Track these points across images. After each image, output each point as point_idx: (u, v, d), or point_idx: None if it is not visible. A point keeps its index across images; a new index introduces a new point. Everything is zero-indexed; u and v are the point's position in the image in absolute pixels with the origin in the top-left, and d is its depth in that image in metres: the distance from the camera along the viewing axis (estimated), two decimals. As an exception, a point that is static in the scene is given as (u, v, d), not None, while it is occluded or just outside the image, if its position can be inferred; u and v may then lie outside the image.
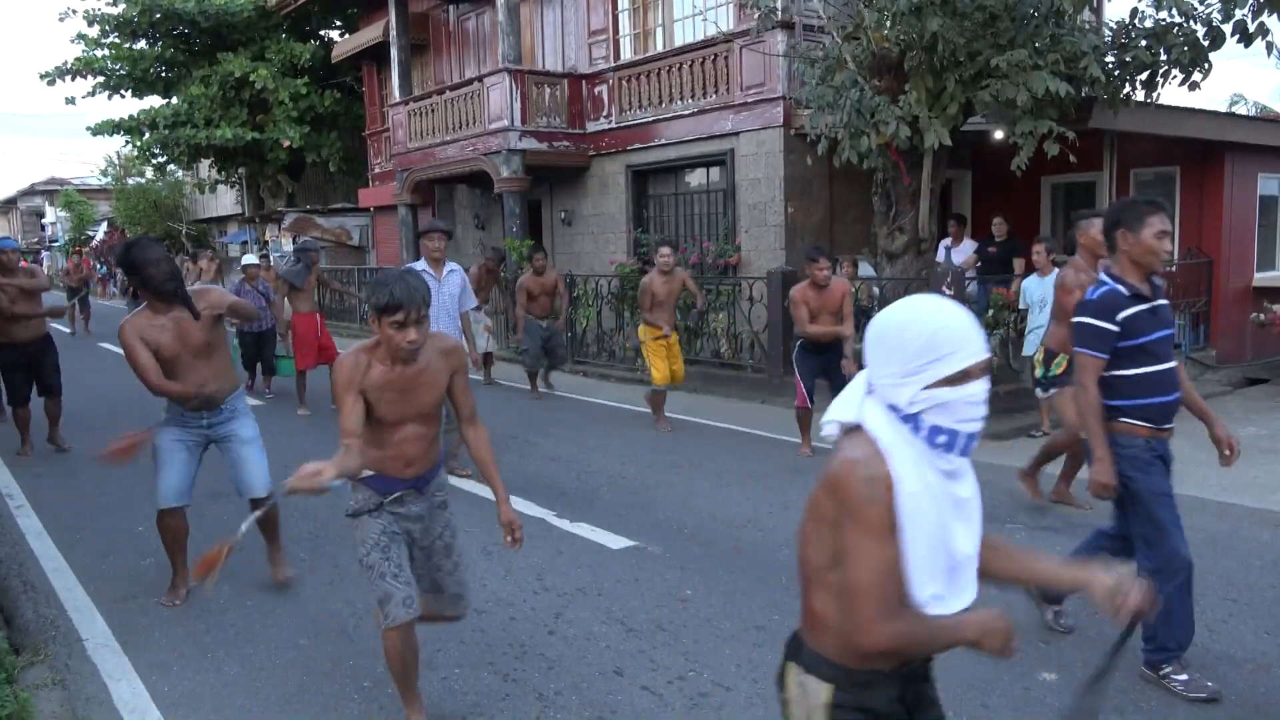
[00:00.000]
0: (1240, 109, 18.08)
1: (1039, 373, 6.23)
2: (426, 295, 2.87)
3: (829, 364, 7.22)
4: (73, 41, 22.28)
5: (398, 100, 16.75)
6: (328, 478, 2.58)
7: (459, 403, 3.17)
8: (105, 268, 36.73)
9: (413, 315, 2.81)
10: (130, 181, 33.14)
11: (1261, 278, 11.67)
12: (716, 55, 11.99)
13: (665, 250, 8.40)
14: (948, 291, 8.14)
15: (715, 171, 12.59)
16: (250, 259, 10.58)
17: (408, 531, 3.13)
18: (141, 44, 22.43)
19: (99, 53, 22.17)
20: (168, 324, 4.19)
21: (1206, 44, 8.02)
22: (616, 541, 5.26)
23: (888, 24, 8.15)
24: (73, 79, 22.09)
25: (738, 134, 11.84)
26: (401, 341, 2.83)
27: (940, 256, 9.83)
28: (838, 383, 7.13)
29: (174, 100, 22.80)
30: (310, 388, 9.78)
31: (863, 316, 9.99)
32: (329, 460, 2.66)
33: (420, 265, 6.67)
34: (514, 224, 13.77)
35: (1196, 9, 7.92)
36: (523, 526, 3.21)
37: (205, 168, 26.41)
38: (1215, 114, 12.31)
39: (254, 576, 4.85)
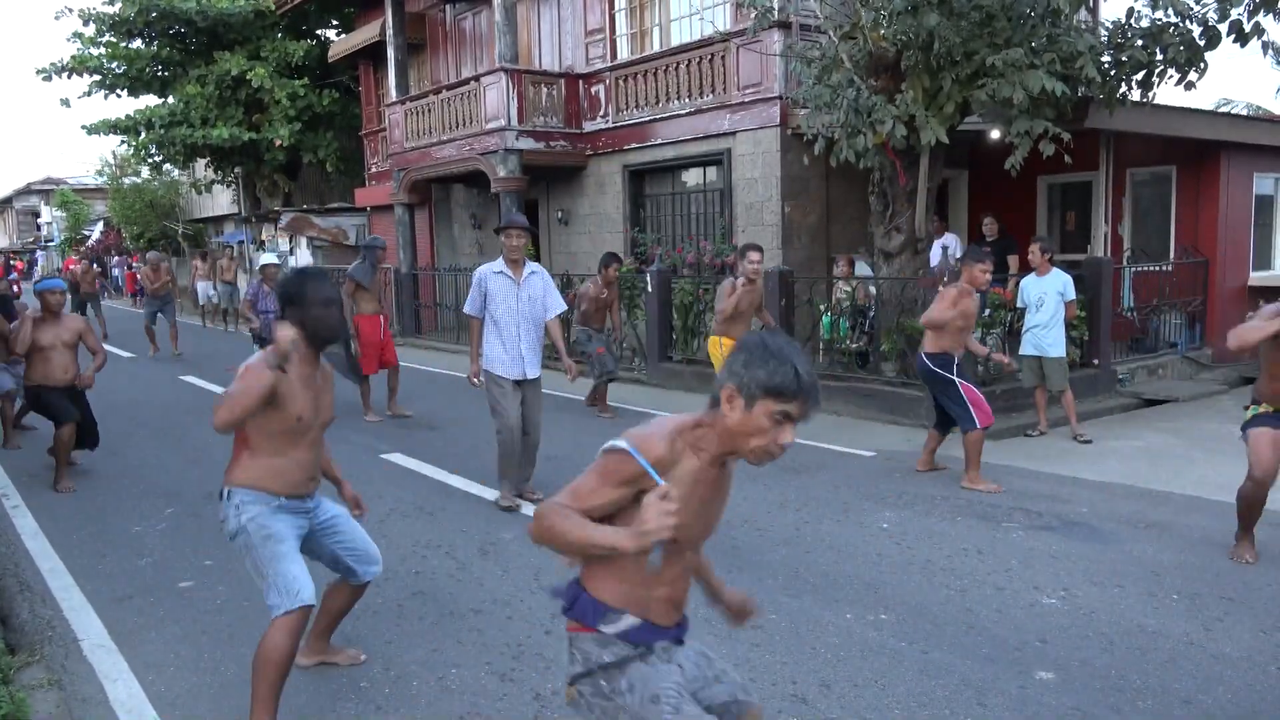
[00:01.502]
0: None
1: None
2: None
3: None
4: (68, 40, 22.23)
5: (394, 100, 16.74)
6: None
7: None
8: (102, 267, 36.67)
9: (810, 411, 2.01)
10: (126, 181, 33.03)
11: (1257, 277, 11.70)
12: (713, 55, 12.00)
13: (756, 256, 7.14)
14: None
15: (712, 171, 12.59)
16: (270, 258, 10.04)
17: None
18: (137, 43, 22.37)
19: (95, 51, 22.10)
20: (308, 381, 3.38)
21: (1202, 44, 8.04)
22: (614, 541, 5.24)
23: (884, 23, 8.15)
24: (69, 77, 22.00)
25: (734, 133, 11.84)
26: (774, 443, 2.02)
27: (935, 255, 9.84)
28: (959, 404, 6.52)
29: (170, 100, 22.75)
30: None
31: (860, 317, 10.03)
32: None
33: (497, 266, 6.10)
34: (511, 223, 13.75)
35: (1192, 9, 7.94)
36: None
37: (201, 167, 26.35)
38: (1211, 114, 12.34)
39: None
